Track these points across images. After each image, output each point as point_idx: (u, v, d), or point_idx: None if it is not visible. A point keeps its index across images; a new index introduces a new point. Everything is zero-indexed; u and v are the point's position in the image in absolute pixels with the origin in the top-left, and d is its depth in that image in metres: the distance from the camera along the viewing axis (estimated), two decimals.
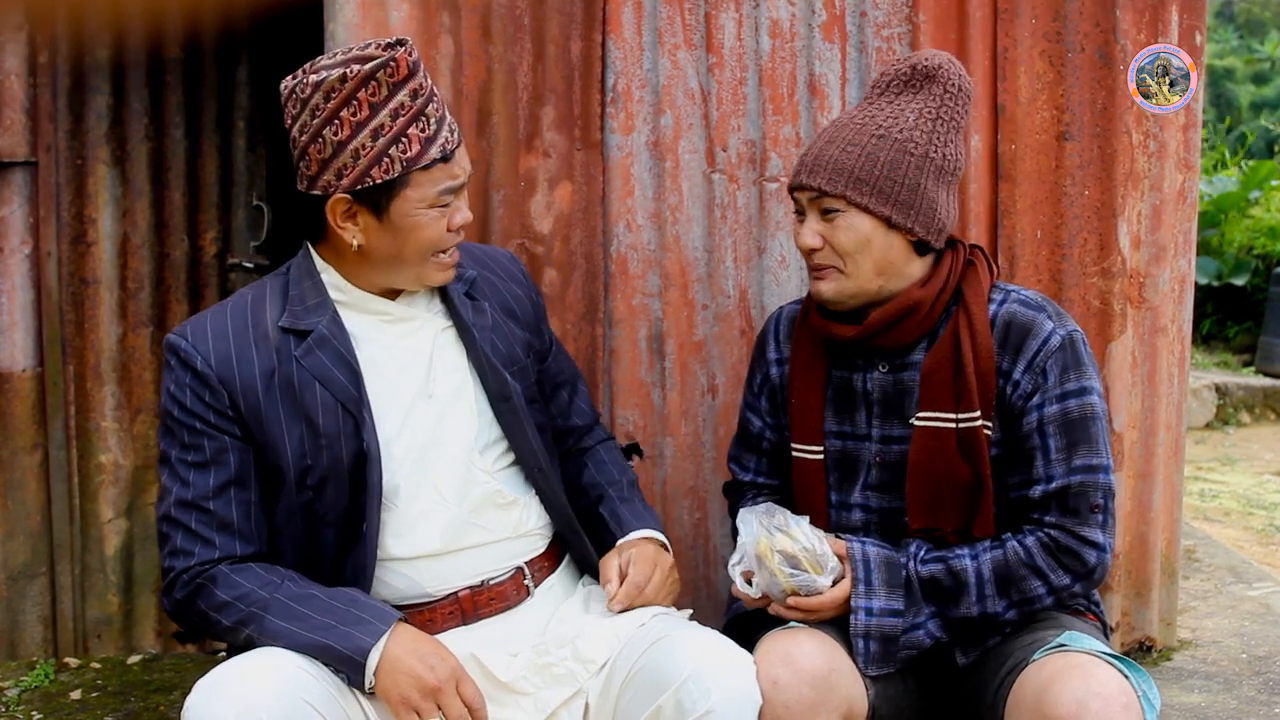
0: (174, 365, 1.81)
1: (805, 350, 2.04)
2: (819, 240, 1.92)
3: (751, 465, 2.17)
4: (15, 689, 2.88)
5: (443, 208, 1.79)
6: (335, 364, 1.81)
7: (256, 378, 1.79)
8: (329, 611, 1.72)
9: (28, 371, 3.02)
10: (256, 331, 1.82)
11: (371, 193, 1.75)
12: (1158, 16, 2.59)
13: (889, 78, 1.96)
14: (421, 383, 1.87)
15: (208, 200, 3.12)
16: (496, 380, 1.91)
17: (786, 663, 1.75)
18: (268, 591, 1.74)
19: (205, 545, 1.78)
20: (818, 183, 1.90)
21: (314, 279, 1.86)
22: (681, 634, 1.77)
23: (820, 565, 1.86)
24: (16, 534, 3.03)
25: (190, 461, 1.80)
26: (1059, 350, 1.89)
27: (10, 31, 2.92)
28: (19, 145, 2.96)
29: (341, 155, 1.73)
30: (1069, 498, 1.88)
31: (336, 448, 1.80)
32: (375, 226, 1.78)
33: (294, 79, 1.77)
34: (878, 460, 1.98)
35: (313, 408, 1.80)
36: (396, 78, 1.72)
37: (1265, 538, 4.33)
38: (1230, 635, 3.13)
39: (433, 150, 1.75)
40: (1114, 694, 1.66)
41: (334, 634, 1.70)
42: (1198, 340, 8.35)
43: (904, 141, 1.89)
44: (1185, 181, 2.67)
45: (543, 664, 1.83)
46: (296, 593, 1.75)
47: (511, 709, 1.82)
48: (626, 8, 2.51)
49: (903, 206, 1.89)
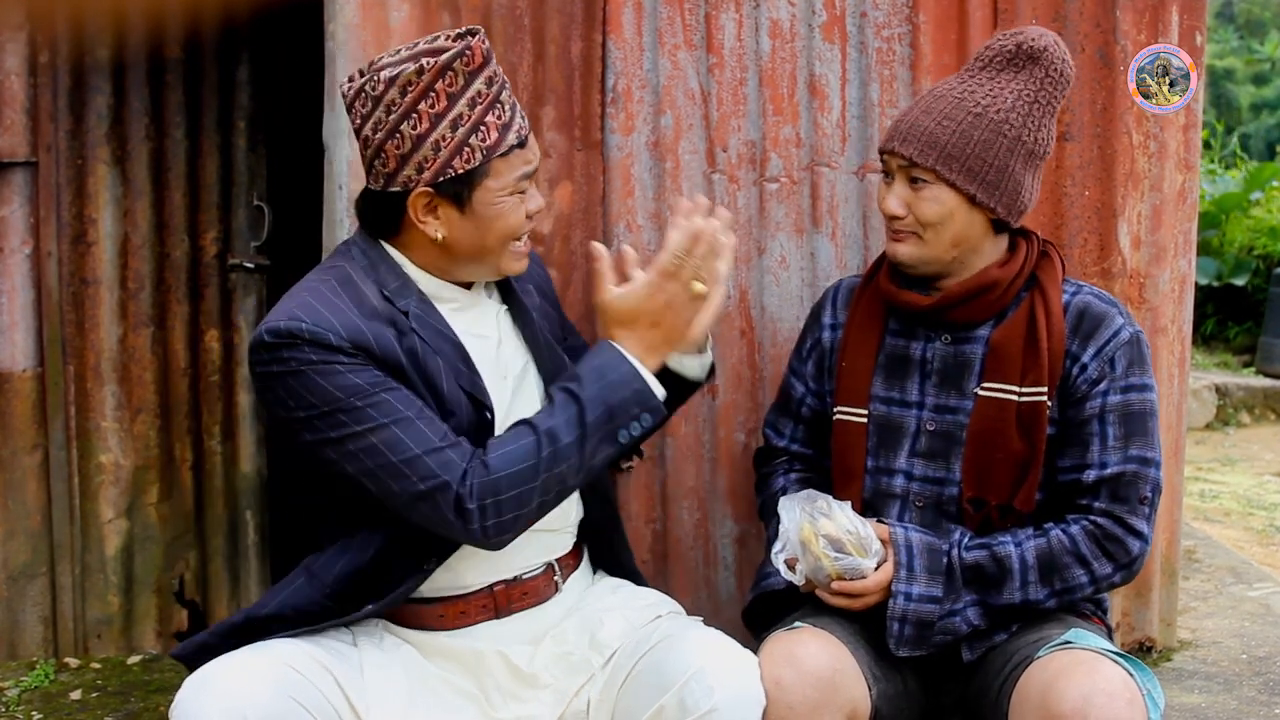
0: (306, 348, 1.67)
1: (864, 314, 2.08)
2: (903, 208, 1.95)
3: (788, 432, 2.19)
4: (15, 689, 2.88)
5: (521, 194, 1.79)
6: (440, 338, 1.80)
7: (392, 343, 1.73)
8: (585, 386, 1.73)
9: (28, 371, 3.02)
10: (364, 308, 1.74)
11: (453, 184, 1.74)
12: (1158, 17, 2.59)
13: (993, 52, 1.96)
14: (496, 366, 1.87)
15: (208, 200, 3.11)
16: (555, 361, 1.93)
17: (791, 663, 1.75)
18: (529, 436, 1.71)
19: (452, 450, 1.70)
20: (909, 152, 1.92)
21: (389, 264, 1.82)
22: (687, 633, 1.77)
23: (864, 548, 1.87)
24: (17, 534, 3.03)
25: (380, 396, 1.68)
26: (1128, 344, 1.94)
27: (10, 31, 2.92)
28: (19, 145, 2.96)
29: (422, 148, 1.72)
30: (1121, 485, 1.91)
31: (460, 416, 1.78)
32: (458, 218, 1.77)
33: (360, 79, 1.75)
34: (929, 428, 2.00)
35: (436, 375, 1.77)
36: (472, 66, 1.71)
37: (1265, 538, 4.33)
38: (1230, 636, 3.13)
39: (510, 136, 1.75)
40: (1119, 690, 1.67)
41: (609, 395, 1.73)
42: (1198, 341, 8.35)
43: (999, 122, 1.91)
44: (1185, 182, 2.67)
45: (561, 653, 1.84)
46: (547, 416, 1.73)
47: (533, 704, 1.82)
48: (627, 8, 2.51)
49: (989, 186, 1.92)
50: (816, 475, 2.17)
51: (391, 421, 1.68)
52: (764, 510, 2.21)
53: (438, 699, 1.81)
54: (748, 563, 2.61)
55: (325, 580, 1.81)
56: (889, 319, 2.06)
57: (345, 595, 1.80)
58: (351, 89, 1.75)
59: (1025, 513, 1.95)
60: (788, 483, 2.15)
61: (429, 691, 1.81)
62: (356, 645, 1.82)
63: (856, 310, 2.09)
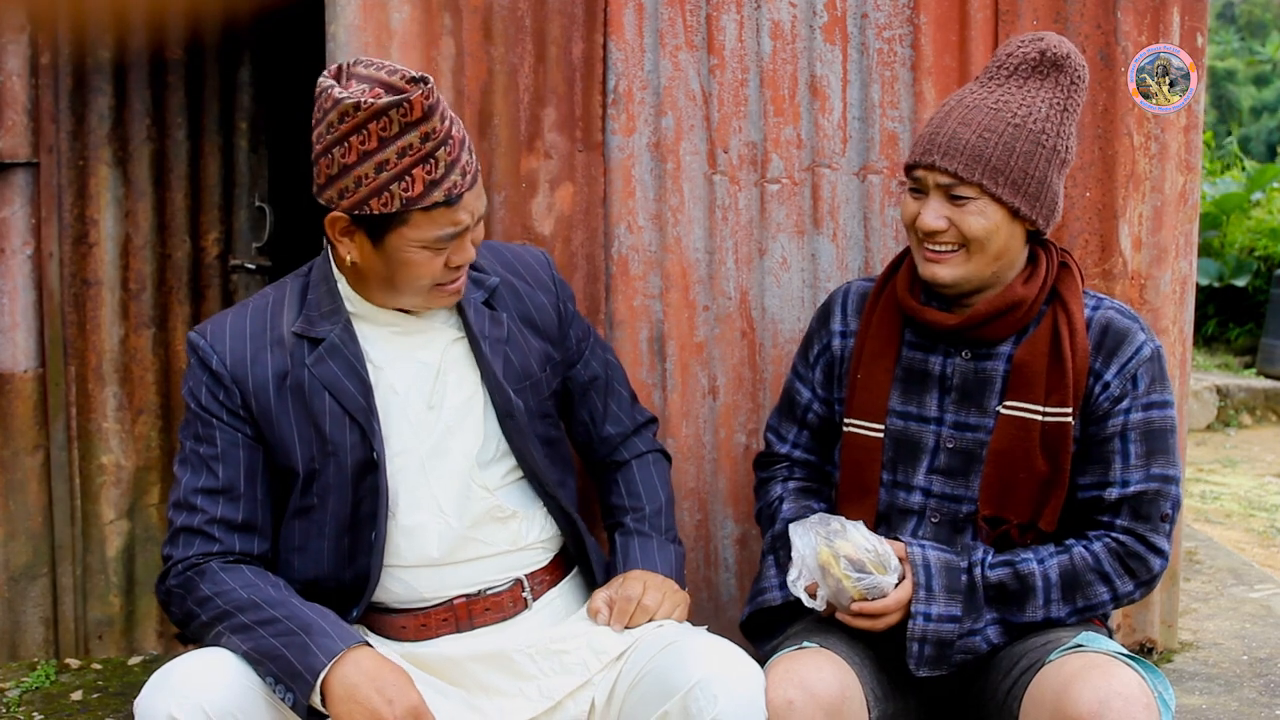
0: (193, 362, 1.85)
1: (880, 324, 2.02)
2: (945, 223, 1.89)
3: (790, 437, 2.17)
4: (16, 690, 2.88)
5: (439, 250, 1.77)
6: (345, 373, 1.81)
7: (270, 380, 1.81)
8: (294, 619, 1.68)
9: (29, 372, 3.02)
10: (273, 335, 1.83)
11: (369, 220, 1.74)
12: (1159, 18, 2.59)
13: (1016, 60, 1.91)
14: (428, 394, 1.87)
15: (210, 201, 3.12)
16: (501, 397, 1.90)
17: (801, 686, 1.74)
18: (247, 593, 1.73)
19: (205, 539, 1.80)
20: (954, 167, 1.86)
21: (330, 285, 1.86)
22: (692, 640, 1.77)
23: (884, 565, 1.86)
24: (18, 535, 3.03)
25: (202, 454, 1.82)
26: (1149, 361, 1.92)
27: (12, 33, 2.93)
28: (21, 146, 2.96)
29: (345, 177, 1.72)
30: (1143, 504, 1.90)
31: (342, 456, 1.81)
32: (371, 250, 1.78)
33: (327, 80, 1.75)
34: (948, 446, 1.97)
35: (321, 415, 1.81)
36: (409, 118, 1.69)
37: (1266, 539, 4.33)
38: (1231, 637, 3.12)
39: (435, 193, 1.72)
40: (1135, 694, 1.66)
41: (293, 646, 1.66)
42: (1199, 342, 8.35)
43: (1038, 133, 1.87)
44: (1186, 183, 2.67)
45: (555, 649, 1.84)
46: (273, 597, 1.73)
47: (518, 699, 1.82)
48: (628, 9, 2.52)
49: (1031, 198, 1.88)
50: (816, 482, 2.16)
51: (187, 482, 1.82)
52: (760, 516, 2.20)
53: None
54: (748, 564, 2.61)
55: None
56: (906, 330, 2.01)
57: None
58: (319, 86, 1.75)
59: (1047, 532, 1.93)
60: (785, 491, 2.13)
61: None
62: None
63: (871, 320, 2.04)
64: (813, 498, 2.11)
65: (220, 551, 1.79)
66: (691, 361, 2.58)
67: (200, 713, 1.59)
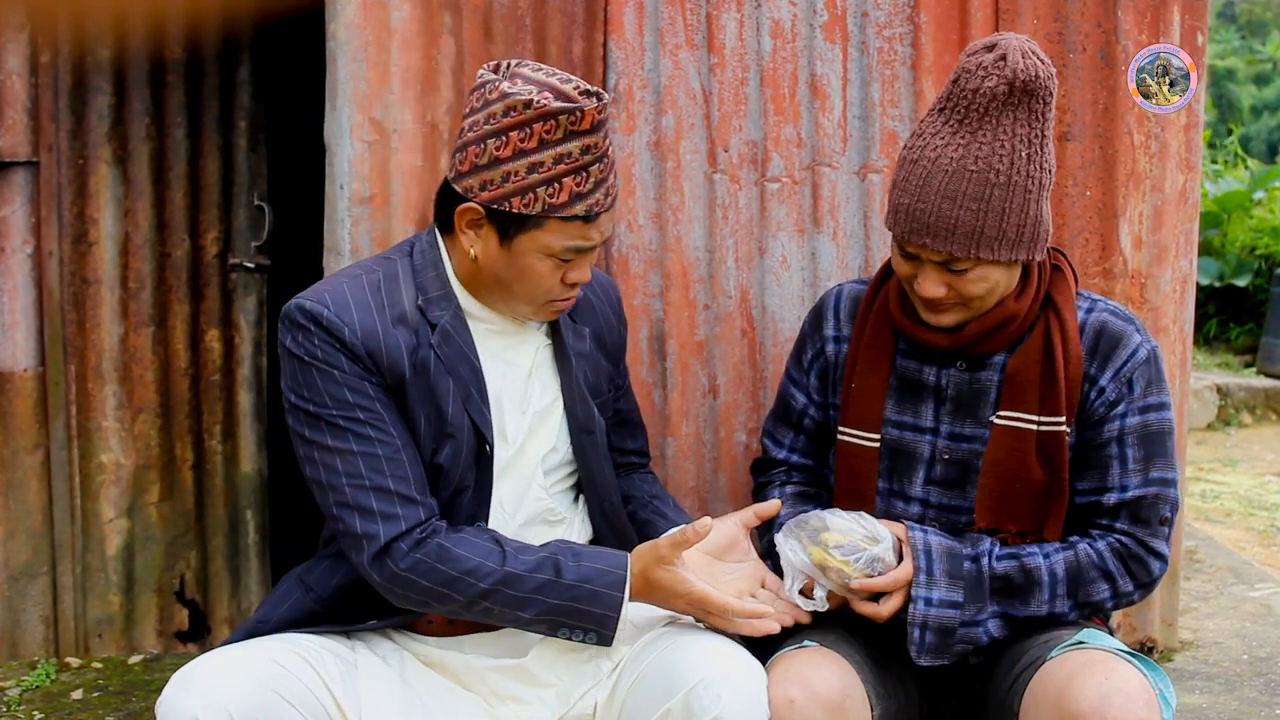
0: (315, 332, 1.73)
1: (873, 334, 2.01)
2: (944, 289, 1.87)
3: (787, 442, 2.16)
4: (16, 689, 2.89)
5: (565, 261, 1.77)
6: (460, 361, 1.80)
7: (402, 355, 1.76)
8: (562, 573, 1.73)
9: (29, 371, 3.02)
10: (394, 311, 1.78)
11: (504, 217, 1.74)
12: (1159, 17, 2.59)
13: (985, 97, 1.80)
14: (519, 397, 1.87)
15: (209, 200, 3.11)
16: (585, 411, 1.91)
17: (803, 685, 1.74)
18: (495, 562, 1.73)
19: (410, 505, 1.74)
20: (948, 249, 1.82)
21: (438, 270, 1.84)
22: (695, 639, 1.77)
23: (874, 538, 1.85)
24: (18, 533, 3.03)
25: (364, 419, 1.73)
26: (1145, 364, 1.91)
27: (12, 31, 2.93)
28: (20, 145, 2.96)
29: (494, 170, 1.72)
30: (1142, 508, 1.89)
31: (460, 440, 1.79)
32: (496, 247, 1.77)
33: (494, 73, 1.76)
34: (944, 457, 1.97)
35: (444, 396, 1.79)
36: (577, 127, 1.70)
37: (1266, 539, 4.33)
38: (1231, 636, 3.13)
39: (578, 206, 1.73)
40: (1136, 690, 1.66)
41: (583, 598, 1.72)
42: (1199, 341, 8.35)
43: (1022, 181, 1.81)
44: (1187, 182, 2.67)
45: (568, 654, 1.84)
46: (525, 561, 1.74)
47: (536, 705, 1.82)
48: (628, 8, 2.51)
49: (1024, 245, 1.85)
50: (814, 486, 2.15)
51: (361, 452, 1.73)
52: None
53: (436, 699, 1.81)
54: None
55: (322, 594, 1.83)
56: (899, 340, 2.01)
57: (343, 607, 1.81)
58: (482, 78, 1.76)
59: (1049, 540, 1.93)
60: (783, 496, 2.12)
61: (426, 691, 1.81)
62: (352, 648, 1.82)
63: (865, 329, 2.03)
64: (810, 502, 2.11)
65: (427, 516, 1.75)
66: (692, 360, 2.58)
67: (224, 713, 1.59)
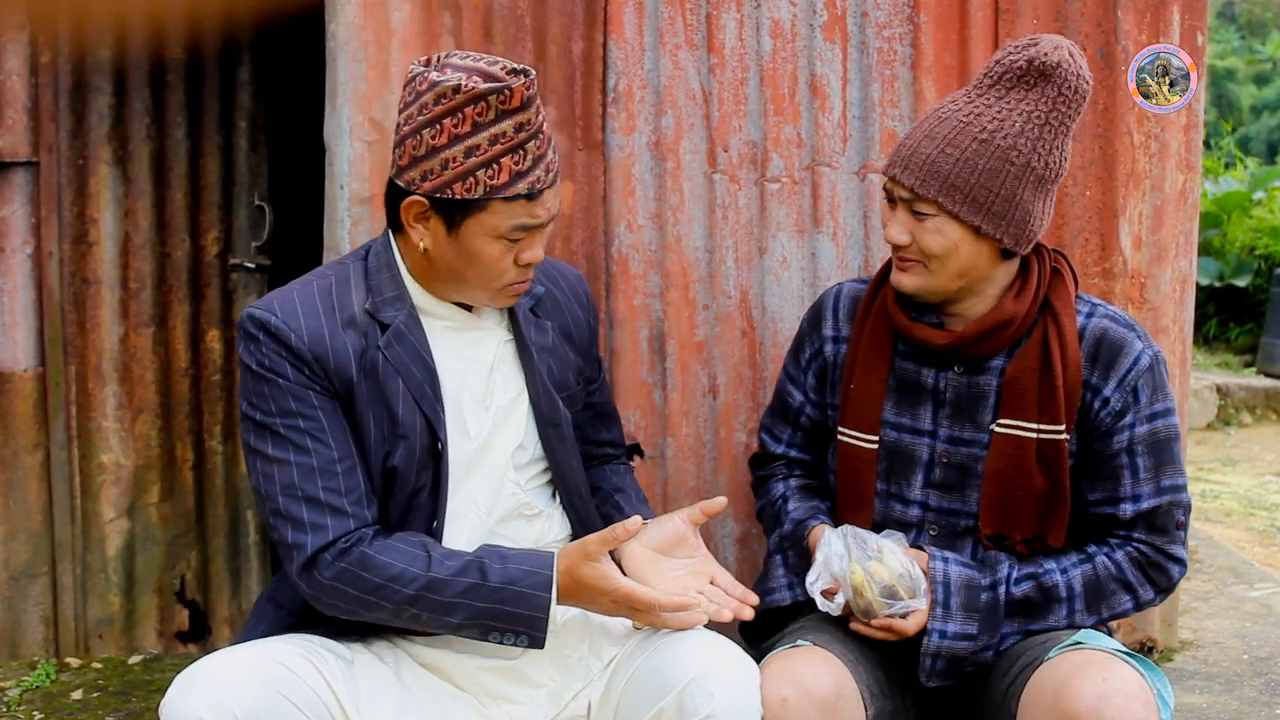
0: (263, 340, 1.76)
1: (871, 335, 2.01)
2: (908, 236, 1.87)
3: (785, 438, 2.16)
4: (16, 689, 2.89)
5: (512, 241, 1.78)
6: (413, 360, 1.81)
7: (350, 358, 1.78)
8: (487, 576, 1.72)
9: (29, 371, 3.02)
10: (343, 314, 1.80)
11: (448, 205, 1.74)
12: (1159, 17, 2.59)
13: (1003, 68, 1.84)
14: (481, 392, 1.87)
15: (209, 200, 3.11)
16: (549, 405, 1.91)
17: (796, 684, 1.74)
18: (419, 568, 1.72)
19: (338, 516, 1.74)
20: (910, 182, 1.83)
21: (392, 271, 1.85)
22: (689, 637, 1.77)
23: (915, 590, 1.86)
24: (18, 534, 3.03)
25: (304, 429, 1.75)
26: (1148, 371, 1.90)
27: (12, 31, 2.93)
28: (20, 145, 2.96)
29: (432, 159, 1.72)
30: (1157, 517, 1.89)
31: (412, 440, 1.80)
32: (444, 237, 1.77)
33: (422, 66, 1.76)
34: (943, 460, 1.96)
35: (394, 396, 1.79)
36: (507, 106, 1.70)
37: (1266, 539, 4.33)
38: (1231, 636, 3.13)
39: (519, 185, 1.73)
40: (1134, 691, 1.66)
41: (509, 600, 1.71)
42: (1199, 341, 8.35)
43: (1007, 149, 1.81)
44: (1186, 182, 2.67)
45: (559, 655, 1.84)
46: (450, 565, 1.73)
47: (528, 705, 1.83)
48: (628, 8, 2.52)
49: (994, 217, 1.83)
50: (816, 479, 2.16)
51: (297, 462, 1.74)
52: (763, 514, 2.20)
53: (430, 698, 1.81)
54: (749, 563, 2.61)
55: (292, 609, 1.84)
56: (898, 341, 2.00)
57: (315, 617, 1.81)
58: (412, 71, 1.77)
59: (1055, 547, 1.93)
60: (788, 489, 2.13)
61: (420, 691, 1.81)
62: (350, 647, 1.82)
63: (863, 330, 2.02)
64: (816, 496, 2.12)
65: (356, 526, 1.75)
66: (691, 360, 2.58)
67: (229, 715, 1.59)
